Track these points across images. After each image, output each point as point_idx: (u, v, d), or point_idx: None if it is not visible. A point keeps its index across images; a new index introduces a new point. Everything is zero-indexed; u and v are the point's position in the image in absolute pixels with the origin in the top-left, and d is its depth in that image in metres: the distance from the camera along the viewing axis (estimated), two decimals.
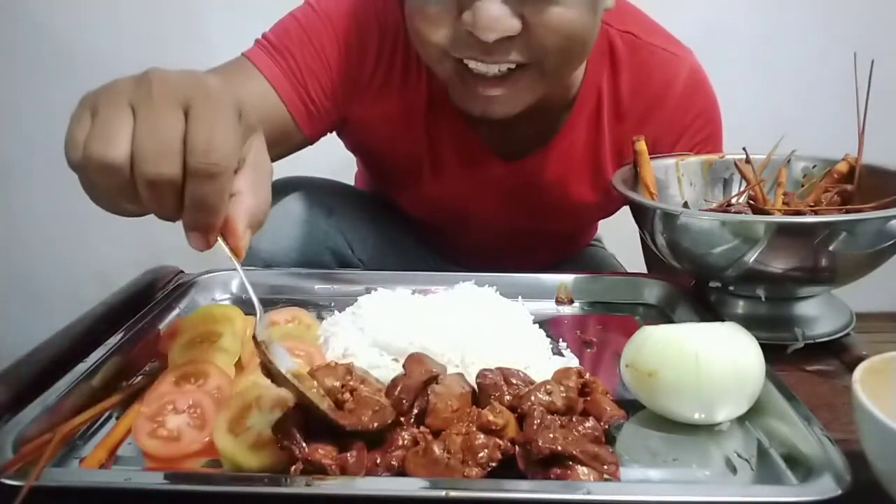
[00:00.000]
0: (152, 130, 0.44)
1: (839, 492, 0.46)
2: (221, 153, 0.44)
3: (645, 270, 1.04)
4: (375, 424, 0.51)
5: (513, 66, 0.75)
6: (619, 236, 1.20)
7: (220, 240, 0.50)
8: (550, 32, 0.73)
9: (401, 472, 0.50)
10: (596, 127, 0.94)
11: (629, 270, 1.11)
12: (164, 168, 0.44)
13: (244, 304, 0.82)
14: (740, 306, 0.76)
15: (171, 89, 0.45)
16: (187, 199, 0.46)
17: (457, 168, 0.96)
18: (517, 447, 0.51)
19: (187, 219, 0.47)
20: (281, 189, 0.96)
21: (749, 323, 0.61)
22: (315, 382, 0.51)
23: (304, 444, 0.48)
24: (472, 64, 0.75)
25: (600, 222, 1.29)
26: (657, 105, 0.93)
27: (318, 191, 1.00)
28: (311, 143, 0.92)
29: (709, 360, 0.55)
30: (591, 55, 0.89)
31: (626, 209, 0.90)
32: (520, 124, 0.88)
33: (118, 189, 0.46)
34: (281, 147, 0.86)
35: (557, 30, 0.73)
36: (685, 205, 0.86)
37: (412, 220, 1.09)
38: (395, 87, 0.90)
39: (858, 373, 0.48)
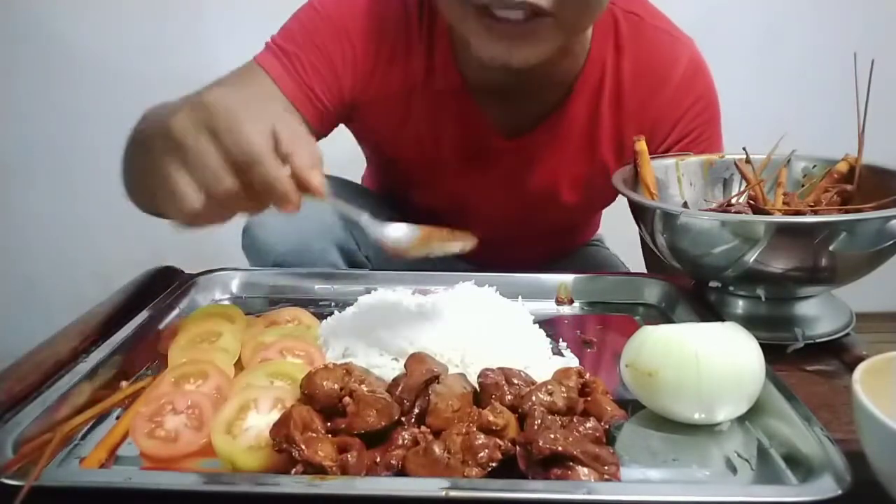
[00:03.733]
0: (198, 167, 0.54)
1: (839, 492, 0.46)
2: (250, 146, 0.54)
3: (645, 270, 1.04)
4: (383, 423, 0.51)
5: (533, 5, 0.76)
6: (620, 236, 1.20)
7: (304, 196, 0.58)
8: None
9: (401, 471, 0.50)
10: (596, 106, 0.95)
11: (631, 271, 1.11)
12: (223, 185, 0.54)
13: (244, 304, 0.82)
14: (740, 306, 0.76)
15: (188, 127, 0.55)
16: (257, 188, 0.55)
17: (458, 145, 0.97)
18: (518, 447, 0.51)
19: (271, 201, 0.57)
20: None
21: (749, 323, 0.61)
22: None
23: (303, 447, 0.48)
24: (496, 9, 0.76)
25: (602, 223, 1.29)
26: (658, 86, 0.95)
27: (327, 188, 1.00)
28: (323, 137, 0.95)
29: (709, 360, 0.55)
30: (595, 32, 0.92)
31: (626, 210, 0.89)
32: (525, 98, 0.89)
33: (219, 213, 0.58)
34: None
35: None
36: (685, 205, 0.86)
37: (414, 212, 1.10)
38: (399, 67, 0.92)
39: (858, 373, 0.47)
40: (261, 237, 0.91)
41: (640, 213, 0.77)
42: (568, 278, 0.85)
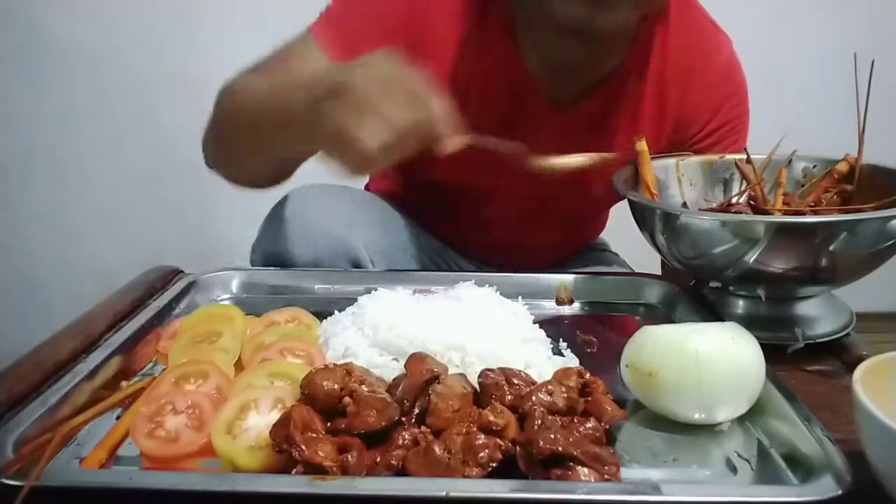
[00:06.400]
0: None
1: (839, 492, 0.46)
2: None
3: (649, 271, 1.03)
4: (383, 423, 0.51)
5: None
6: (622, 238, 1.19)
7: None
8: None
9: (401, 471, 0.50)
10: (640, 83, 0.95)
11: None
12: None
13: (244, 304, 0.82)
14: (740, 306, 0.76)
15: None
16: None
17: (503, 107, 0.95)
18: (518, 447, 0.51)
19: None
20: (301, 198, 0.95)
21: (749, 323, 0.61)
22: None
23: (303, 447, 0.48)
24: None
25: (607, 225, 1.29)
26: (700, 69, 0.95)
27: (339, 202, 0.99)
28: None
29: (709, 360, 0.55)
30: None
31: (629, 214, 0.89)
32: (576, 69, 0.90)
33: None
34: None
35: None
36: (685, 205, 0.86)
37: (436, 198, 1.09)
38: (455, 21, 0.91)
39: (858, 373, 0.48)
40: (270, 246, 0.91)
41: (641, 213, 0.77)
42: (568, 278, 0.85)
